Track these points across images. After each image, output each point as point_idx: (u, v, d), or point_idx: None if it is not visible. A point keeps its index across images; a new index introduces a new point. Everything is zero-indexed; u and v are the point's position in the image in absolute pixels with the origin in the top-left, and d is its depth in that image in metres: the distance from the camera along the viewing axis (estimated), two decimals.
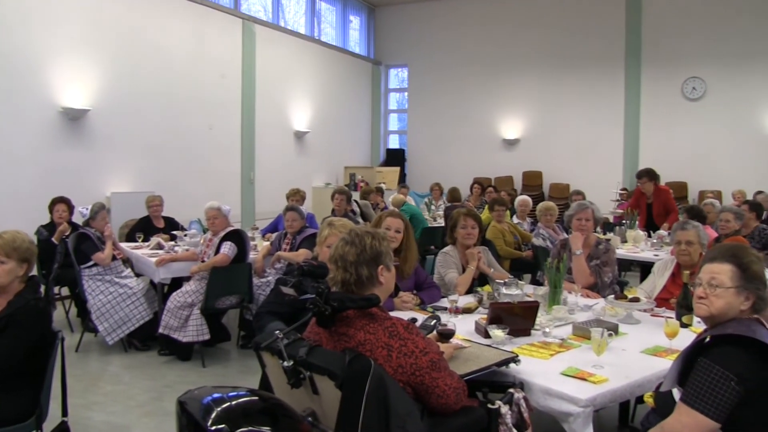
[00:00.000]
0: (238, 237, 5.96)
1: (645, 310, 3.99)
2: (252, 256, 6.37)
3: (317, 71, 14.38)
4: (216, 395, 2.01)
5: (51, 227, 6.78)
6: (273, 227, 8.11)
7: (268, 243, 6.81)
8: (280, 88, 13.08)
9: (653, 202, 8.47)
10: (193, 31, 10.65)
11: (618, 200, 11.14)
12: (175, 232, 7.22)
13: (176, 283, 6.24)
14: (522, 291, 4.13)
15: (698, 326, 3.29)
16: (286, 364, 2.29)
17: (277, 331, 2.37)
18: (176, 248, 6.61)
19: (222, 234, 5.90)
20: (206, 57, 10.93)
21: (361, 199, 10.79)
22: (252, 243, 6.82)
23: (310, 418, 2.36)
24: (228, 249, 5.80)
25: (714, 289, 2.41)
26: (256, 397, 2.12)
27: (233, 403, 2.01)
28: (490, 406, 2.61)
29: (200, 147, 10.84)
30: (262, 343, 2.47)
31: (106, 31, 9.03)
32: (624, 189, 12.71)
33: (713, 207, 8.20)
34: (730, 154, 13.49)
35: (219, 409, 1.94)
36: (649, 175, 8.53)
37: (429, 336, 2.85)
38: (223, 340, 6.19)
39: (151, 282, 6.24)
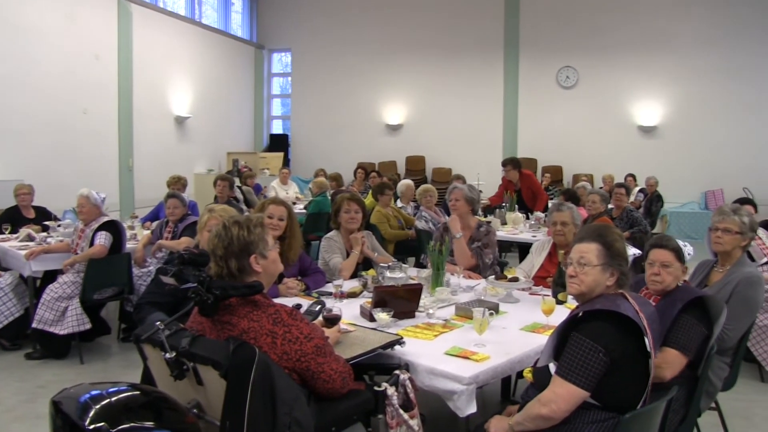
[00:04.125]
0: (113, 227, 5.71)
1: (523, 289, 4.16)
2: (132, 245, 6.15)
3: (198, 55, 13.99)
4: (94, 392, 1.92)
5: None
6: (154, 215, 7.87)
7: (148, 232, 6.60)
8: (160, 72, 12.63)
9: (521, 188, 8.76)
10: (63, 9, 10.06)
11: (481, 191, 11.54)
12: (47, 223, 6.84)
13: (49, 276, 5.92)
14: (406, 274, 4.20)
15: (572, 302, 3.46)
16: (168, 355, 2.23)
17: (159, 322, 2.31)
18: (49, 239, 6.27)
19: (96, 225, 5.64)
20: (78, 36, 10.36)
21: (244, 185, 10.63)
22: (132, 232, 6.60)
23: (195, 410, 2.32)
24: (104, 239, 5.56)
25: (582, 268, 2.57)
26: (138, 392, 2.05)
27: (113, 399, 1.93)
28: (376, 388, 2.65)
29: (74, 132, 10.29)
30: (143, 335, 2.40)
31: None
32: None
33: (585, 190, 8.67)
34: (600, 139, 14.31)
35: (97, 406, 1.86)
36: (513, 162, 8.80)
37: (314, 321, 2.85)
38: (103, 333, 5.94)
39: (21, 276, 5.89)
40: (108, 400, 1.90)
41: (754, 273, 3.71)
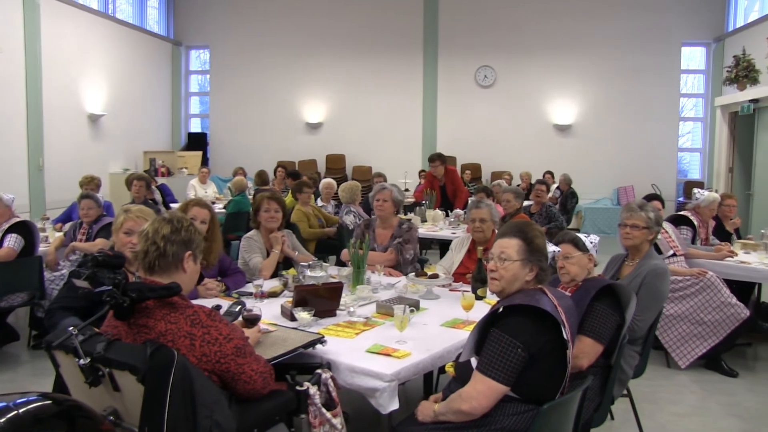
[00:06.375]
0: (24, 229, 5.49)
1: (444, 286, 4.23)
2: (43, 248, 5.92)
3: (112, 51, 13.54)
4: None
5: None
6: (66, 217, 7.60)
7: (60, 233, 6.38)
8: (71, 68, 12.15)
9: (445, 184, 8.94)
10: None
11: (407, 189, 11.69)
12: None
13: None
14: (326, 273, 4.22)
15: (492, 298, 3.55)
16: (82, 361, 2.17)
17: (71, 327, 2.23)
18: None
19: (6, 226, 5.40)
20: None
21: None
22: (43, 234, 6.34)
23: (111, 417, 2.26)
24: (13, 242, 5.33)
25: (503, 262, 2.63)
26: (49, 401, 1.95)
27: (21, 410, 1.83)
28: (298, 388, 2.64)
29: None
30: (55, 341, 2.31)
31: None
32: (423, 170, 13.34)
33: (500, 187, 8.91)
34: (518, 137, 14.70)
35: (2, 420, 1.75)
36: (441, 158, 8.97)
37: (235, 322, 2.83)
38: (11, 341, 5.68)
39: None
40: (15, 412, 1.80)
41: (660, 265, 3.90)
